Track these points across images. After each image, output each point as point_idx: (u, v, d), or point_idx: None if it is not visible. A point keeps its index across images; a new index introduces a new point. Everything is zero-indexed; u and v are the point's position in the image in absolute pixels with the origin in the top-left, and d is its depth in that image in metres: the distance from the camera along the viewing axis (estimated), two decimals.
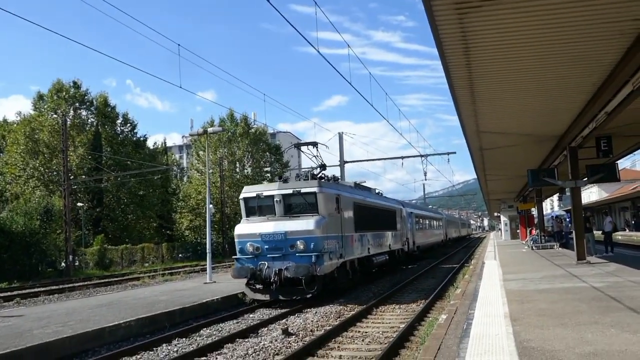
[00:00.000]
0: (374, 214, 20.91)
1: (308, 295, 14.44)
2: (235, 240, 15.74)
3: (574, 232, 18.58)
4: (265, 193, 15.68)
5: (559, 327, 7.23)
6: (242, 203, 16.20)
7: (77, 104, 51.27)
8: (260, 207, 15.84)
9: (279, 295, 14.74)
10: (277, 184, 15.81)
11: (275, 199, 15.40)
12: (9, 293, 22.31)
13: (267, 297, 14.89)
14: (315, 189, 15.12)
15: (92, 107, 52.41)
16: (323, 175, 17.40)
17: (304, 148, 18.16)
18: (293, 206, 15.44)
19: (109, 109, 53.57)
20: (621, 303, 8.91)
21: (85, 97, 51.85)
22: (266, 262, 14.75)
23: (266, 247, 14.91)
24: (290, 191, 15.33)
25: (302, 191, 15.21)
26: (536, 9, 7.50)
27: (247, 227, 15.53)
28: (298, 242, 14.49)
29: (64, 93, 50.25)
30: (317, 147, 17.71)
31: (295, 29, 12.39)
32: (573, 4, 7.36)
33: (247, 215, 16.04)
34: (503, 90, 11.76)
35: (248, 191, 16.23)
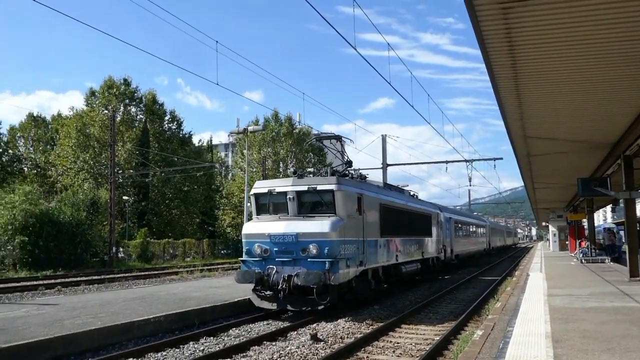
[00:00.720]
0: (405, 218, 19.03)
1: (320, 307, 12.76)
2: (243, 240, 14.30)
3: (627, 246, 17.48)
4: (278, 189, 14.02)
5: (606, 353, 6.60)
6: (252, 199, 14.69)
7: (127, 101, 52.72)
8: (272, 205, 14.27)
9: (287, 304, 13.18)
10: (291, 180, 14.12)
11: (288, 196, 13.76)
12: (52, 281, 23.00)
13: (274, 306, 13.33)
14: (332, 187, 13.42)
15: (141, 104, 53.79)
16: (347, 172, 15.77)
17: (327, 143, 17.38)
18: (308, 205, 13.80)
19: (157, 106, 54.84)
20: None
21: (135, 94, 53.27)
22: (275, 267, 13.20)
23: (275, 249, 13.37)
24: (305, 188, 13.64)
25: (318, 188, 13.50)
26: (588, 3, 6.89)
27: (256, 227, 13.98)
28: (310, 246, 12.89)
29: (115, 90, 51.75)
30: (341, 142, 16.37)
31: (336, 30, 12.10)
32: None
33: (258, 213, 14.55)
34: (551, 92, 11.06)
35: (260, 186, 14.67)
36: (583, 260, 26.99)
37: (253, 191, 14.65)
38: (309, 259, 12.90)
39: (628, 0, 6.78)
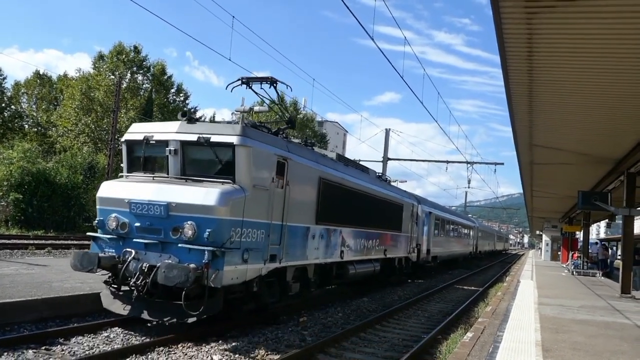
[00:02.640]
0: (362, 204, 14.84)
1: (190, 320, 8.60)
2: (97, 207, 9.72)
3: (621, 262, 17.51)
4: (157, 137, 9.58)
5: None
6: (123, 149, 10.17)
7: (134, 68, 52.27)
8: (147, 160, 9.86)
9: (143, 310, 8.92)
10: (177, 124, 9.56)
11: (169, 148, 9.37)
12: (43, 241, 22.93)
13: (125, 312, 9.05)
14: (233, 139, 9.03)
15: (149, 73, 53.39)
16: (270, 128, 10.78)
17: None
18: (198, 164, 9.46)
19: (165, 78, 54.45)
20: None
21: (144, 63, 52.83)
22: (133, 251, 8.94)
23: (136, 224, 9.03)
24: (194, 137, 9.20)
25: (212, 140, 9.11)
26: (615, 16, 6.78)
27: (115, 189, 9.53)
28: (186, 225, 8.60)
29: (124, 56, 51.30)
30: (276, 87, 11.25)
31: (357, 19, 11.83)
32: None
33: (129, 170, 10.05)
34: (564, 103, 10.96)
35: (134, 131, 10.05)
36: (574, 272, 27.08)
37: (124, 137, 10.14)
38: (180, 244, 8.66)
39: None
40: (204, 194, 8.69)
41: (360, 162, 19.66)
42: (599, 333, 9.19)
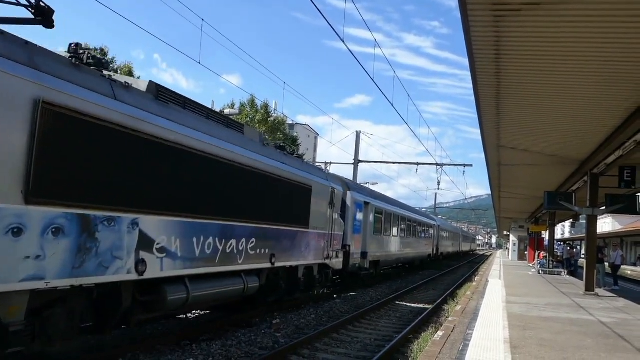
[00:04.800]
0: (208, 177, 9.06)
1: None
2: None
3: (584, 261, 18.00)
4: None
5: None
6: None
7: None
8: None
9: None
10: None
11: None
12: None
13: None
14: None
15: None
16: None
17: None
18: None
19: None
20: (630, 343, 8.40)
21: (111, 65, 51.96)
22: None
23: None
24: None
25: None
26: (579, 20, 6.98)
27: None
28: None
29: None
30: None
31: (327, 21, 11.84)
32: (623, 19, 6.83)
33: None
34: (530, 105, 11.22)
35: None
36: (540, 271, 27.67)
37: None
38: None
39: (622, 21, 6.89)
40: None
41: (331, 164, 19.42)
42: (564, 329, 9.43)
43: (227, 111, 22.49)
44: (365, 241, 19.41)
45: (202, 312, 11.97)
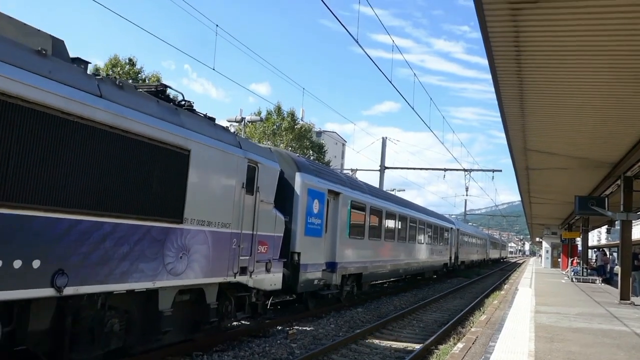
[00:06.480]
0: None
1: None
2: None
3: (619, 268, 17.20)
4: None
5: None
6: None
7: (130, 81, 52.35)
8: None
9: None
10: None
11: None
12: None
13: None
14: None
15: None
16: None
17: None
18: None
19: None
20: None
21: (139, 75, 52.89)
22: None
23: None
24: None
25: None
26: (604, 11, 6.53)
27: None
28: None
29: (119, 69, 51.34)
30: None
31: (345, 27, 11.76)
32: None
33: None
34: (555, 105, 10.70)
35: None
36: (574, 279, 26.72)
37: None
38: None
39: None
40: None
41: (357, 171, 18.92)
42: (595, 341, 8.86)
43: (248, 118, 22.45)
44: (333, 247, 14.22)
45: None
